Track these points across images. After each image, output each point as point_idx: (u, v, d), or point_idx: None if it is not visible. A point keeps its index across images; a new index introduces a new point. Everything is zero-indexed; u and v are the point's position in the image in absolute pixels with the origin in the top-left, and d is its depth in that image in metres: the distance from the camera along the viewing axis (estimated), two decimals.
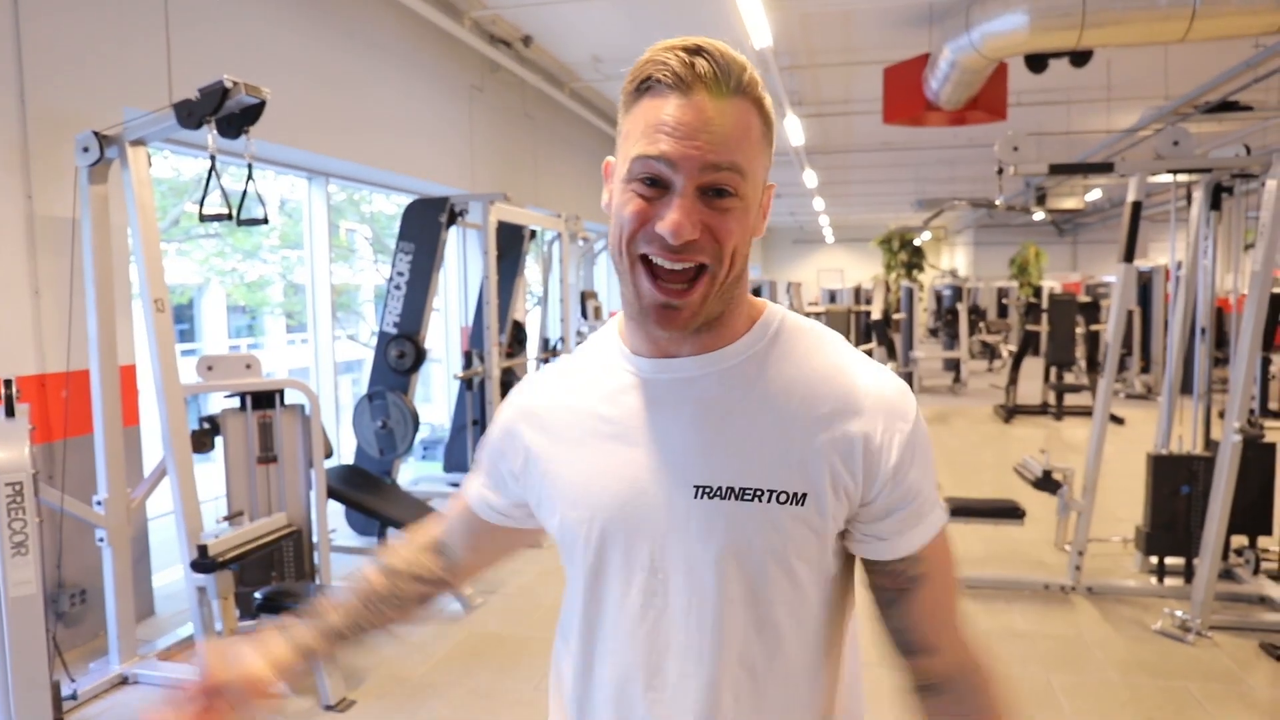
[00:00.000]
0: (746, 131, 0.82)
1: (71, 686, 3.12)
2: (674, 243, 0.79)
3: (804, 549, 0.86)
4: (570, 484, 0.92)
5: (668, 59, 0.80)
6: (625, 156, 0.84)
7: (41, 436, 3.38)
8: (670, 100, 0.80)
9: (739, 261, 0.84)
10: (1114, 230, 21.23)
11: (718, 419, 0.87)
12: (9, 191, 3.33)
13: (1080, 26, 5.08)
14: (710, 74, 0.80)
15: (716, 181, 0.80)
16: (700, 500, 0.85)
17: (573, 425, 0.94)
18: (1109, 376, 4.16)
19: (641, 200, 0.82)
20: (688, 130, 0.79)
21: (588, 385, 0.95)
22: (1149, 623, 3.76)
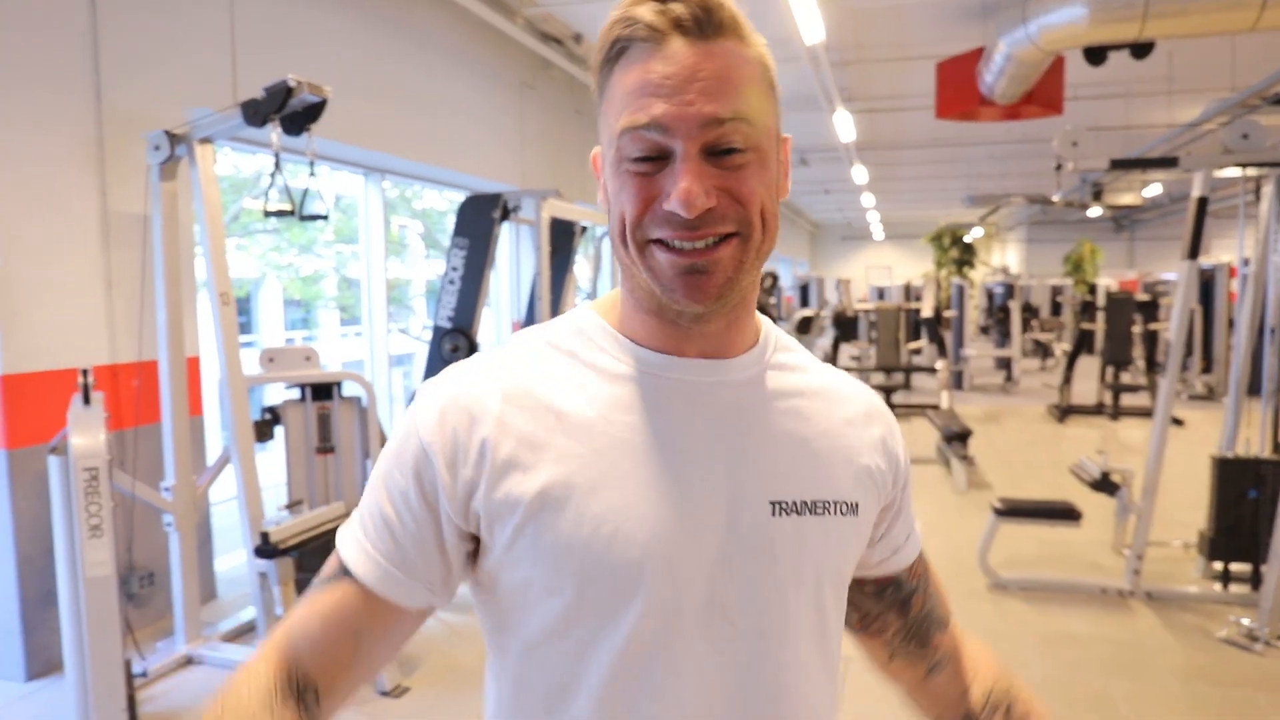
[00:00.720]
0: (744, 74, 0.69)
1: (142, 665, 3.23)
2: (689, 215, 0.67)
3: (851, 563, 0.83)
4: (603, 513, 0.71)
5: (636, 13, 0.69)
6: (610, 135, 0.71)
7: (114, 424, 3.50)
8: (649, 58, 0.68)
9: (771, 224, 0.72)
10: (1173, 226, 20.67)
11: (767, 428, 0.77)
12: (85, 189, 3.45)
13: (1143, 18, 4.95)
14: (688, 16, 0.68)
15: (722, 136, 0.68)
16: (779, 518, 0.74)
17: (589, 434, 0.73)
18: (1171, 376, 4.07)
19: (640, 179, 0.69)
20: (675, 85, 0.67)
21: (589, 382, 0.76)
22: (1212, 630, 3.67)
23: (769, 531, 0.74)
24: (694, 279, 0.69)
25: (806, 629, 0.77)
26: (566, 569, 0.70)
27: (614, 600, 0.71)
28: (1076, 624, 3.79)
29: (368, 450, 3.89)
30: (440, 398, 0.75)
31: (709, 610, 0.72)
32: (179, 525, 3.43)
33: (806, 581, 0.76)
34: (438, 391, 0.75)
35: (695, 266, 0.69)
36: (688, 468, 0.73)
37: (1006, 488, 6.02)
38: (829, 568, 0.78)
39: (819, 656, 0.78)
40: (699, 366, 0.76)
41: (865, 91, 9.86)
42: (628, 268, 0.73)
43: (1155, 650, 3.52)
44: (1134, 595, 4.06)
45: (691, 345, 0.76)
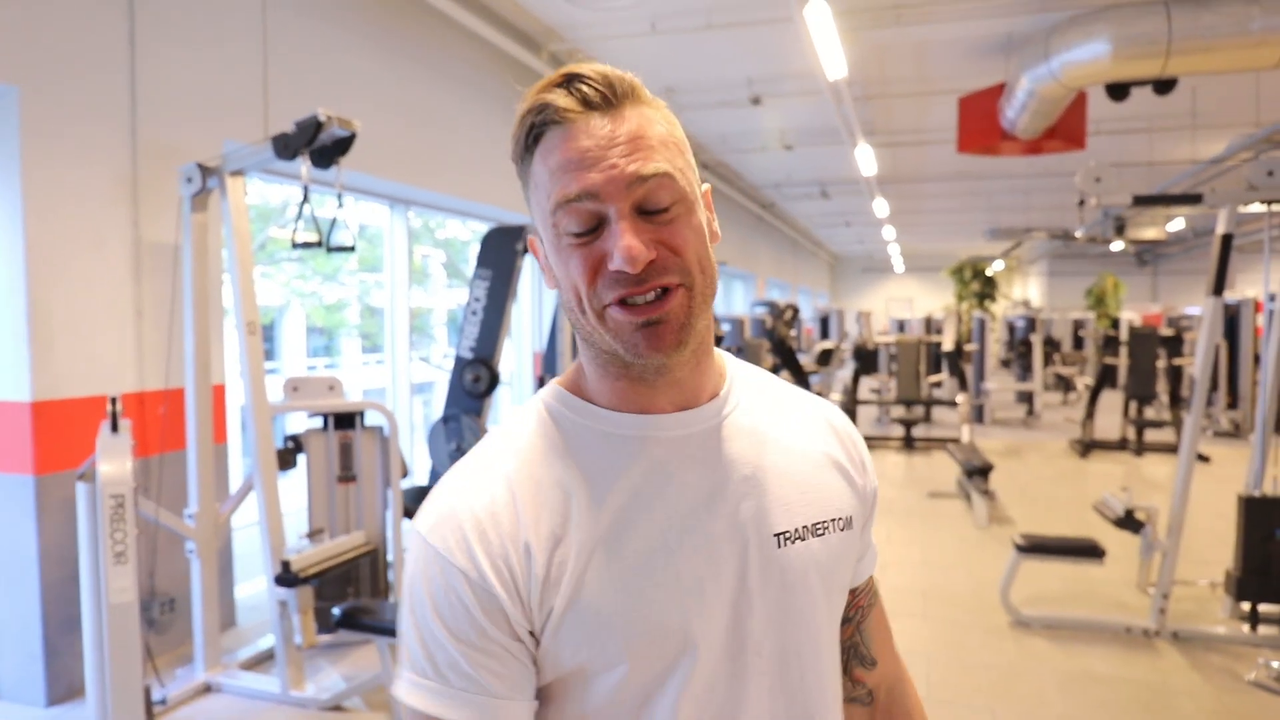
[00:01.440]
0: (655, 133, 0.74)
1: (161, 692, 3.25)
2: (634, 270, 0.70)
3: (850, 570, 0.88)
4: (639, 586, 0.74)
5: (547, 99, 0.73)
6: (544, 214, 0.75)
7: (140, 451, 3.55)
8: (567, 136, 0.73)
9: (709, 268, 0.76)
10: (1197, 260, 20.52)
11: (755, 465, 0.81)
12: (118, 220, 3.53)
13: (1165, 55, 4.97)
14: (595, 93, 0.73)
15: (649, 194, 0.72)
16: (785, 548, 0.79)
17: (605, 511, 0.75)
18: (1196, 412, 4.03)
19: (582, 250, 0.73)
20: (597, 154, 0.72)
21: (586, 461, 0.78)
22: (1241, 672, 3.59)
23: (780, 563, 0.79)
24: (652, 330, 0.72)
25: (826, 642, 0.84)
26: (615, 645, 0.73)
27: (664, 663, 0.74)
28: (1100, 664, 3.73)
29: (389, 479, 3.91)
30: (465, 523, 0.74)
31: (740, 648, 0.77)
32: (201, 552, 3.46)
33: (819, 600, 0.82)
34: (458, 518, 0.74)
35: (650, 320, 0.72)
36: (700, 521, 0.77)
37: (1028, 523, 5.95)
38: (835, 583, 0.84)
39: (833, 663, 0.85)
40: (675, 420, 0.79)
41: (887, 125, 9.92)
42: (589, 336, 0.76)
43: (1181, 692, 3.45)
44: (1159, 635, 3.99)
45: (663, 399, 0.79)
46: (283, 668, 3.31)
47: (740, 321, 11.20)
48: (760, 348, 10.53)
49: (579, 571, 0.73)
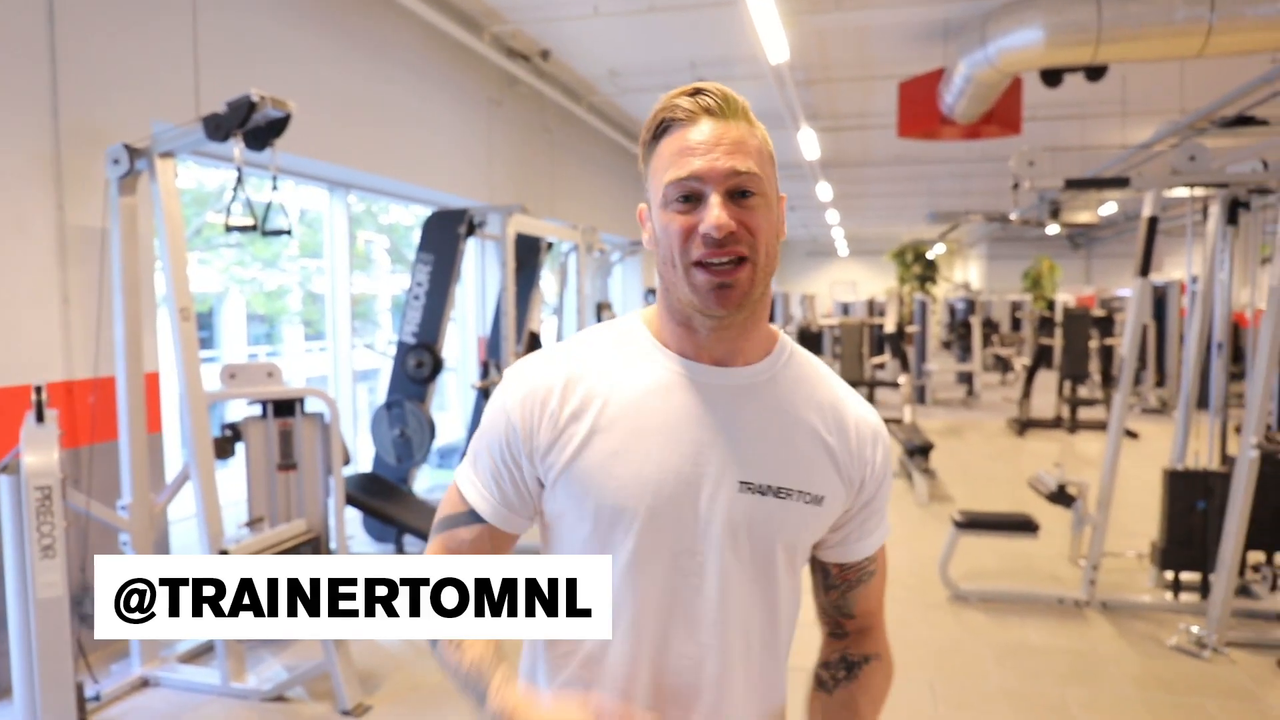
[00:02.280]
0: (753, 145, 0.97)
1: (95, 688, 3.17)
2: (718, 235, 0.92)
3: (809, 541, 1.06)
4: (618, 472, 0.97)
5: (677, 102, 0.97)
6: (658, 187, 0.98)
7: (69, 442, 3.44)
8: (687, 131, 0.96)
9: (772, 254, 0.98)
10: (1128, 244, 21.13)
11: (759, 425, 1.01)
12: (41, 203, 3.41)
13: (1096, 42, 5.10)
14: (715, 105, 0.96)
15: (740, 184, 0.95)
16: (744, 494, 0.99)
17: (622, 412, 0.99)
18: (1124, 391, 4.17)
19: (682, 216, 0.96)
20: (707, 148, 0.95)
21: (630, 375, 1.02)
22: (1164, 638, 3.75)
23: (735, 503, 0.98)
24: (723, 291, 0.95)
25: (748, 575, 1.00)
26: (586, 507, 0.99)
27: (615, 534, 0.98)
28: (1034, 634, 3.86)
29: (330, 467, 3.86)
30: (522, 385, 1.03)
31: (679, 549, 0.99)
32: (135, 544, 3.38)
33: (757, 545, 1.00)
34: (522, 381, 1.03)
35: (724, 283, 0.94)
36: (683, 447, 0.98)
37: (967, 501, 6.10)
38: (783, 540, 1.01)
39: (761, 606, 1.02)
40: (711, 371, 1.01)
41: (830, 110, 10.01)
42: (671, 286, 0.99)
43: (1110, 659, 3.59)
44: (1090, 605, 4.14)
45: (705, 353, 1.01)
46: (223, 659, 3.25)
47: None
48: None
49: (579, 446, 0.99)
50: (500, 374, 5.47)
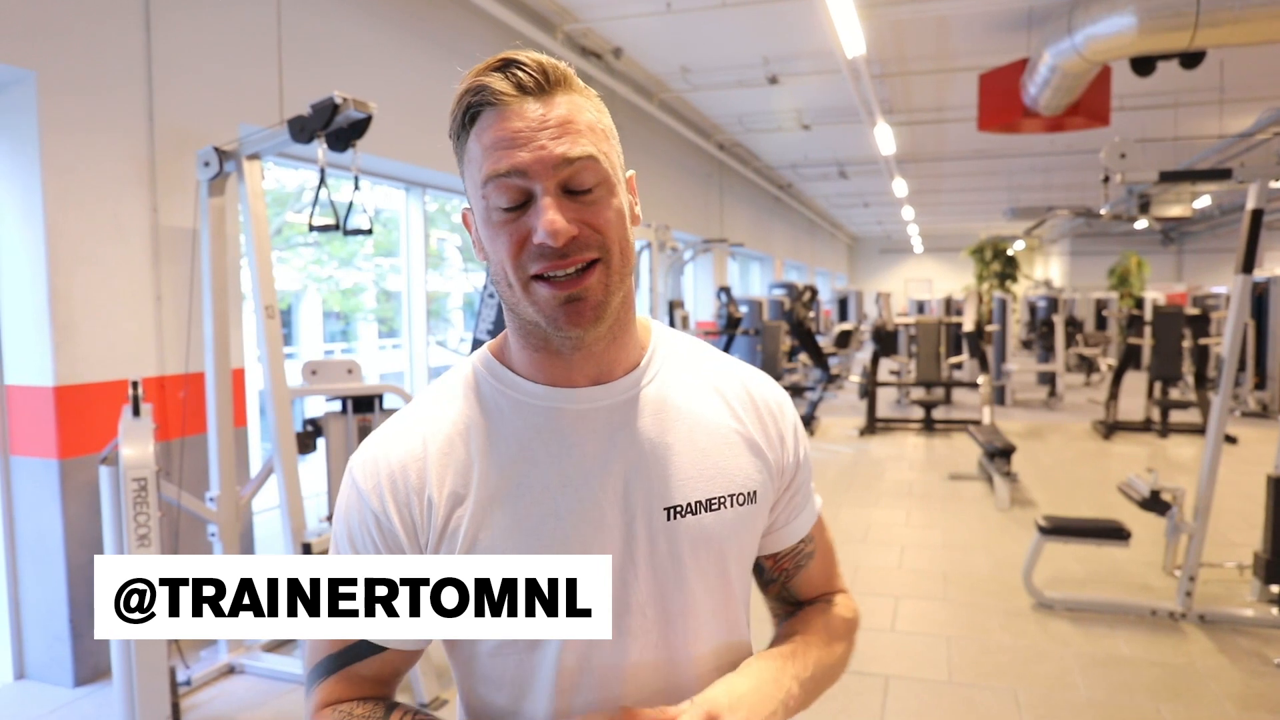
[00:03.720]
0: (584, 120, 0.80)
1: (186, 673, 3.28)
2: (556, 244, 0.76)
3: (755, 540, 0.94)
4: (528, 544, 0.83)
5: (485, 82, 0.79)
6: (476, 188, 0.80)
7: (161, 435, 3.57)
8: (501, 117, 0.78)
9: (627, 249, 0.82)
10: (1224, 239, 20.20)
11: (657, 438, 0.87)
12: (137, 206, 3.54)
13: (1194, 26, 4.86)
14: (530, 81, 0.79)
15: (575, 174, 0.78)
16: (673, 521, 0.85)
17: (506, 474, 0.84)
18: (1225, 392, 3.96)
19: (510, 225, 0.79)
20: (528, 135, 0.77)
21: (500, 426, 0.86)
22: (1270, 656, 3.55)
23: (668, 534, 0.85)
24: (572, 307, 0.78)
25: (709, 606, 0.88)
26: None
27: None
28: (1125, 646, 3.69)
29: None
30: (383, 471, 0.85)
31: (624, 609, 0.84)
32: (222, 535, 3.48)
33: (709, 570, 0.87)
34: (378, 466, 0.86)
35: (571, 296, 0.78)
36: (590, 491, 0.84)
37: (1051, 505, 5.89)
38: (731, 551, 0.89)
39: (723, 621, 0.90)
40: (586, 394, 0.86)
41: (906, 104, 9.80)
42: (514, 307, 0.82)
43: (1208, 675, 3.41)
44: (1185, 618, 3.94)
45: (578, 373, 0.86)
46: (304, 649, 3.33)
47: (758, 304, 11.13)
48: (779, 330, 10.48)
49: (474, 528, 0.82)
50: None
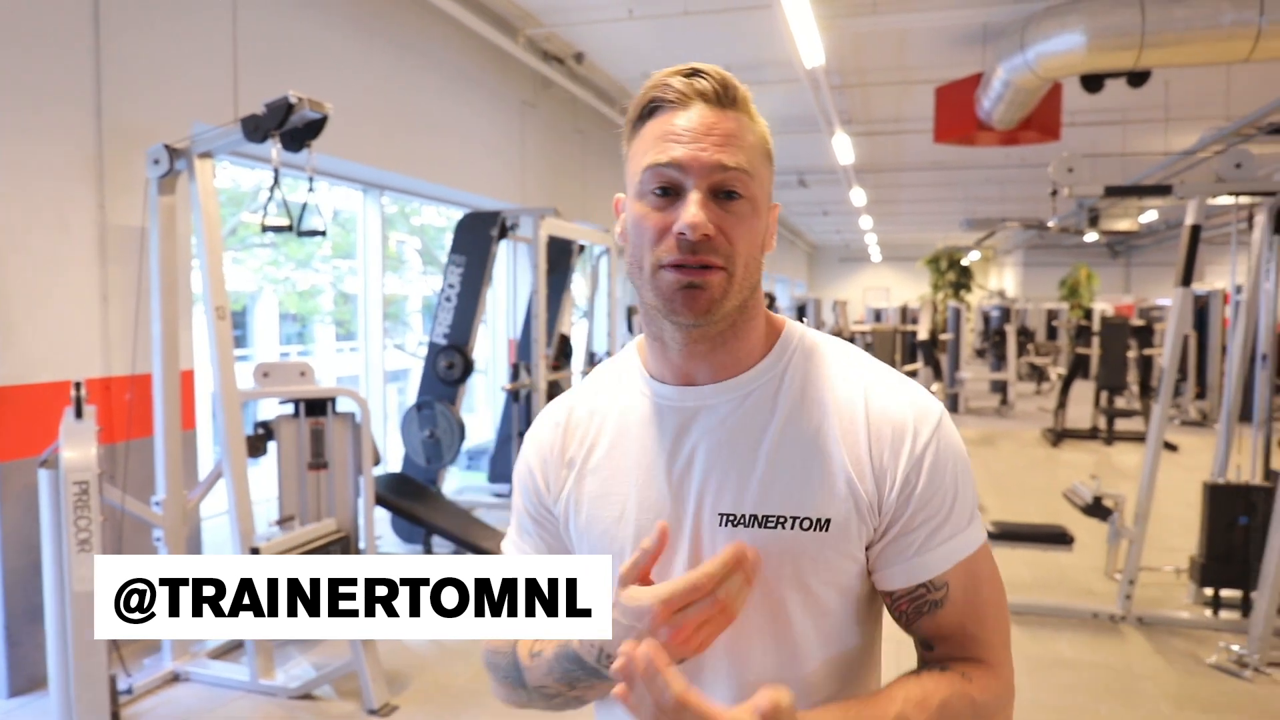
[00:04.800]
0: (748, 140, 0.85)
1: (127, 682, 3.21)
2: (692, 237, 0.81)
3: (827, 573, 0.86)
4: (602, 515, 0.92)
5: (669, 81, 0.85)
6: (635, 171, 0.86)
7: (106, 438, 3.49)
8: (675, 114, 0.85)
9: (753, 268, 0.86)
10: (1169, 252, 20.74)
11: (741, 446, 0.88)
12: (83, 202, 3.47)
13: (1139, 46, 5.00)
14: (710, 90, 0.85)
15: (726, 182, 0.83)
16: (725, 528, 0.86)
17: (606, 451, 0.94)
18: (1164, 402, 4.08)
19: (656, 212, 0.84)
20: (694, 135, 0.83)
21: (615, 410, 0.96)
22: (1203, 656, 3.66)
23: (716, 541, 0.86)
24: (690, 294, 0.83)
25: (755, 626, 0.86)
26: (584, 553, 0.94)
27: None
28: (1068, 649, 3.78)
29: (360, 466, 3.88)
30: (537, 434, 1.01)
31: None
32: (168, 540, 3.42)
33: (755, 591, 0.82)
34: (537, 428, 1.01)
35: (692, 283, 0.82)
36: (662, 481, 0.90)
37: (1001, 511, 6.01)
38: (784, 574, 0.85)
39: (776, 651, 0.87)
40: (690, 393, 0.91)
41: (865, 114, 9.93)
42: (640, 289, 0.87)
43: (1146, 676, 3.51)
44: (1125, 620, 4.05)
45: (681, 372, 0.91)
46: (252, 656, 3.28)
47: None
48: None
49: (570, 493, 0.95)
50: (529, 376, 5.48)
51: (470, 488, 6.55)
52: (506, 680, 0.96)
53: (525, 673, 0.93)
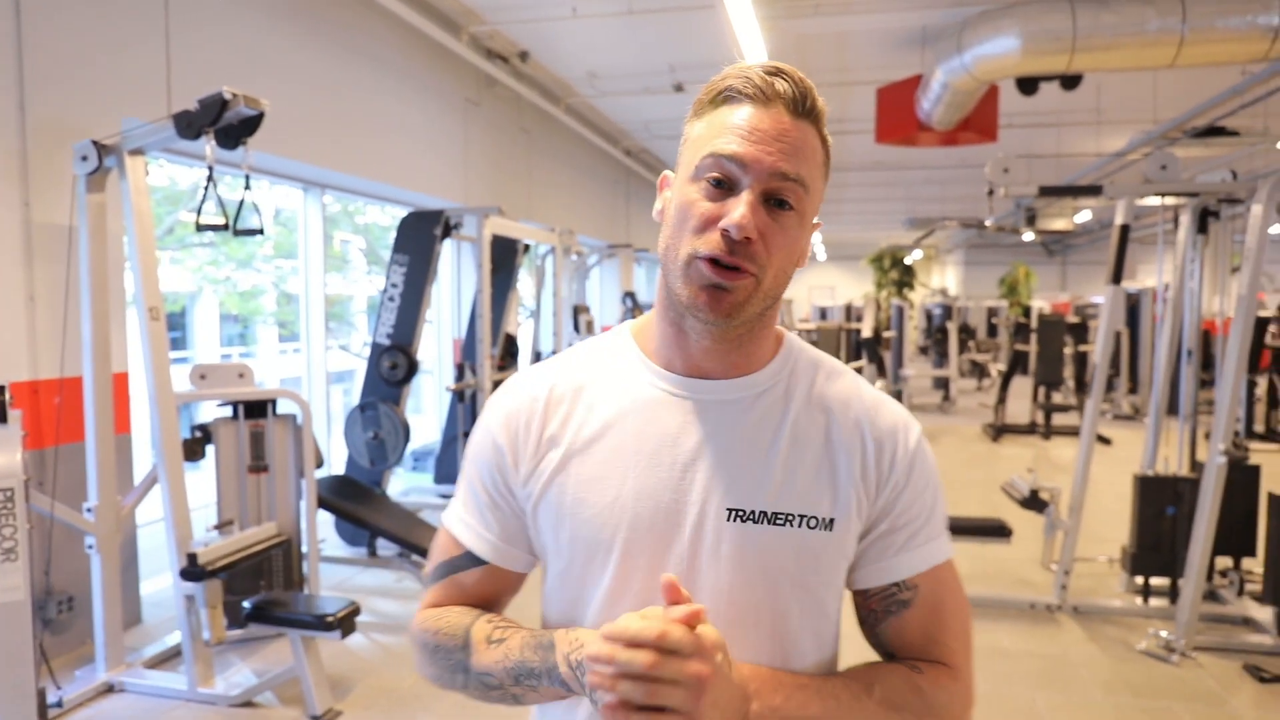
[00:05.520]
0: (814, 152, 0.85)
1: (57, 694, 3.10)
2: (736, 236, 0.80)
3: (828, 572, 0.90)
4: (593, 499, 0.89)
5: (749, 74, 0.85)
6: (695, 154, 0.86)
7: (33, 443, 3.38)
8: (748, 108, 0.84)
9: (781, 280, 0.86)
10: (1103, 251, 21.34)
11: (750, 443, 0.89)
12: (6, 199, 3.34)
13: (1071, 51, 5.15)
14: (789, 93, 0.84)
15: (781, 190, 0.83)
16: (733, 523, 0.86)
17: (600, 433, 0.91)
18: (1096, 397, 4.21)
19: (707, 201, 0.84)
20: (762, 136, 0.82)
21: (611, 392, 0.92)
22: (1134, 643, 3.78)
23: (722, 535, 0.86)
24: (716, 294, 0.83)
25: (755, 620, 0.87)
26: (561, 539, 0.90)
27: (591, 570, 0.89)
28: (1006, 639, 3.88)
29: (302, 469, 3.81)
30: (507, 405, 0.96)
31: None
32: (101, 547, 3.32)
33: (757, 583, 0.87)
34: (506, 400, 0.96)
35: (720, 284, 0.82)
36: (664, 471, 0.88)
37: None
38: (786, 571, 0.87)
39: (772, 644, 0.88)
40: (698, 385, 0.91)
41: None
42: (667, 273, 0.87)
43: (1080, 663, 3.62)
44: (1061, 610, 4.17)
45: (697, 364, 0.91)
46: (190, 664, 3.20)
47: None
48: None
49: (554, 471, 0.90)
50: (475, 376, 5.44)
51: (416, 489, 6.48)
52: (444, 661, 0.93)
53: (474, 654, 0.90)
